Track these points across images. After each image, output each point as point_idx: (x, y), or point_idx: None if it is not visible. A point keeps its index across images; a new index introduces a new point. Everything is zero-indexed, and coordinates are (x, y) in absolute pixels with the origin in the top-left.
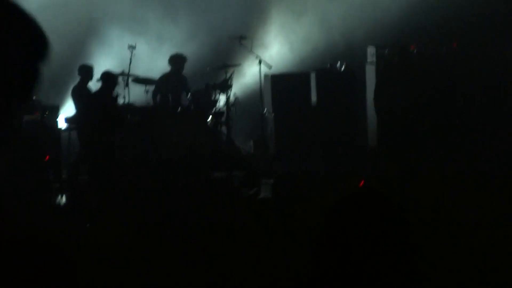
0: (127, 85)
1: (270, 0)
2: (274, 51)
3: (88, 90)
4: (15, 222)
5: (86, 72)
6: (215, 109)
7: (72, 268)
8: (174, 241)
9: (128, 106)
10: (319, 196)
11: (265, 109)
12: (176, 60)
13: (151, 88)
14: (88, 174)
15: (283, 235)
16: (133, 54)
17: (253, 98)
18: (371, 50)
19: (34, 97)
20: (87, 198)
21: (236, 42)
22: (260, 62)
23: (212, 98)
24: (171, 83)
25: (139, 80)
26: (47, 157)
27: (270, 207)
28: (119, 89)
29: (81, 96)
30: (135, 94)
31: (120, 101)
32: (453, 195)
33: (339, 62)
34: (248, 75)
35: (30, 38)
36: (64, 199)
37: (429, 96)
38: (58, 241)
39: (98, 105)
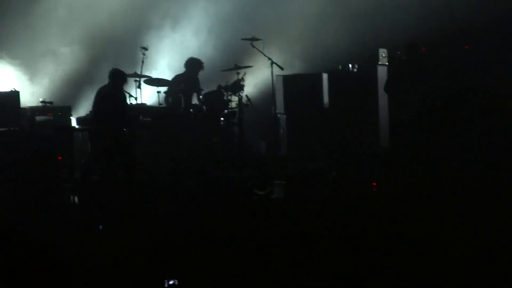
0: (139, 86)
1: (282, 3)
2: (286, 53)
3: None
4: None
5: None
6: (227, 110)
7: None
8: (186, 241)
9: (141, 107)
10: (330, 196)
11: (277, 110)
12: (193, 64)
13: (163, 89)
14: (100, 174)
15: (295, 236)
16: (145, 55)
17: (265, 99)
18: (382, 52)
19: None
20: (100, 197)
21: (248, 44)
22: (272, 63)
23: (224, 99)
24: (184, 84)
25: (151, 81)
26: (60, 157)
27: (282, 207)
28: (131, 90)
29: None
30: (147, 95)
31: (133, 101)
32: (464, 196)
33: (350, 64)
34: (260, 76)
35: None
36: (76, 199)
37: (441, 97)
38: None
39: (109, 102)
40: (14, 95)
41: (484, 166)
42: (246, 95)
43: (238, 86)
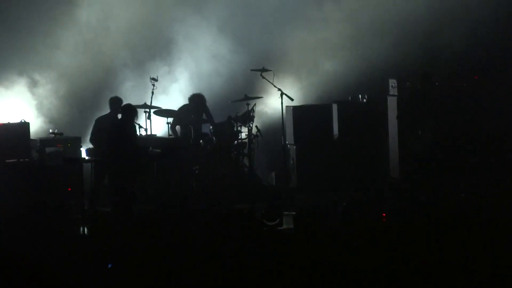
0: (149, 117)
1: (291, 35)
2: (296, 83)
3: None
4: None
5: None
6: (237, 141)
7: None
8: (196, 273)
9: (150, 137)
10: (340, 227)
11: (287, 141)
12: (196, 99)
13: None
14: (111, 204)
15: (305, 267)
16: (155, 86)
17: (275, 130)
18: (392, 83)
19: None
20: (109, 228)
21: (258, 74)
22: (282, 94)
23: (234, 130)
24: (193, 115)
25: (160, 112)
26: (69, 188)
27: (291, 238)
28: (141, 121)
29: (101, 124)
30: (157, 126)
31: (142, 132)
32: (477, 228)
33: (360, 95)
34: (270, 107)
35: None
36: (85, 229)
37: (452, 126)
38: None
39: (120, 134)
40: (24, 127)
41: (496, 197)
42: (256, 126)
43: (248, 117)
